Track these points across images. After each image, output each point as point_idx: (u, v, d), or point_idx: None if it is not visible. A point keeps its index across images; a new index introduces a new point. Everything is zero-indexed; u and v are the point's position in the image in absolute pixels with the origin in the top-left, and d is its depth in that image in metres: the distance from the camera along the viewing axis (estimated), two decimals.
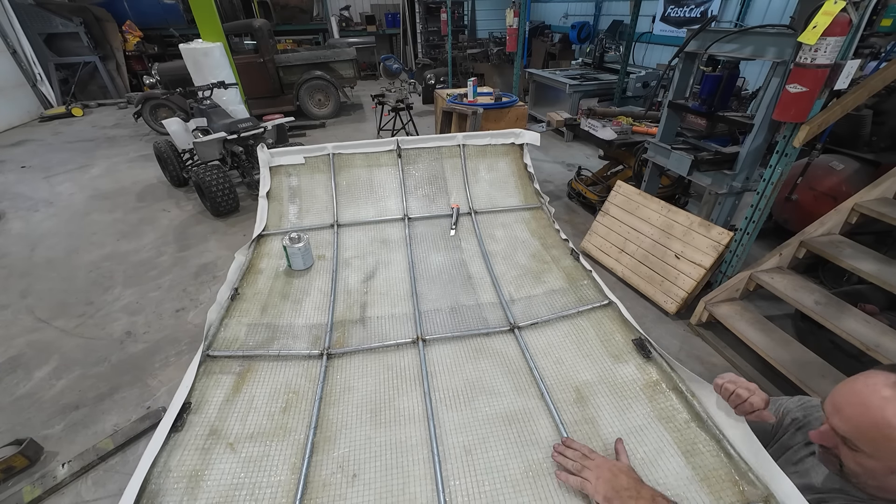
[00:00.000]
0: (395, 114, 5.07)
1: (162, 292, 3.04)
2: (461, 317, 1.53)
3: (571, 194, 4.23)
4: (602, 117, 3.89)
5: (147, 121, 6.53)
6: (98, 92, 9.06)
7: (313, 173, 2.21)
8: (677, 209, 2.78)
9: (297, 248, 1.71)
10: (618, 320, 1.41)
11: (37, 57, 7.98)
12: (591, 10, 7.82)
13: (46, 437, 2.02)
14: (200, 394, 1.20)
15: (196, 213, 4.18)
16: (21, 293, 3.07)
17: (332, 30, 10.85)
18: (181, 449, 1.05)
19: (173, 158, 4.49)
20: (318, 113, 7.30)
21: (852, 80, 1.93)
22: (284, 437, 1.10)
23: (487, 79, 8.24)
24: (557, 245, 1.88)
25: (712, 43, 2.43)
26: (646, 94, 5.43)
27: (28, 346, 2.57)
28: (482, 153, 2.32)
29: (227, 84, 4.59)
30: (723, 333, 2.42)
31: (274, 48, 6.94)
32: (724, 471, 0.92)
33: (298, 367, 1.32)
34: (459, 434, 1.10)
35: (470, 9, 10.89)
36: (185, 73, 5.05)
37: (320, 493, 0.98)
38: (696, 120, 3.10)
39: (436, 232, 2.01)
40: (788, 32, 2.08)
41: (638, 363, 1.23)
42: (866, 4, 1.75)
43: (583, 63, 6.75)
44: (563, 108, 5.65)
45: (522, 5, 5.00)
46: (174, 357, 2.47)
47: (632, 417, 1.09)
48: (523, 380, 1.25)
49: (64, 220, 4.14)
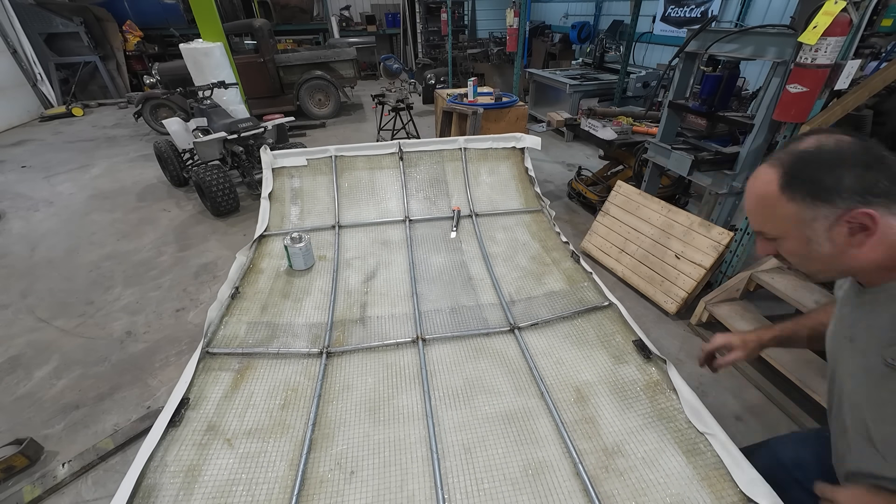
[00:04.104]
0: (396, 114, 5.07)
1: (162, 292, 3.04)
2: (461, 317, 1.53)
3: (571, 194, 4.22)
4: (602, 117, 3.88)
5: (147, 121, 6.53)
6: (98, 92, 9.06)
7: (315, 175, 2.21)
8: (677, 209, 2.78)
9: (298, 248, 1.71)
10: (618, 321, 1.41)
11: (37, 57, 7.98)
12: (592, 10, 7.81)
13: (46, 436, 2.02)
14: (199, 390, 1.20)
15: (196, 212, 4.18)
16: (21, 293, 3.07)
17: (333, 30, 10.86)
18: (178, 444, 1.05)
19: (173, 158, 4.49)
20: (318, 113, 7.30)
21: (853, 81, 1.93)
22: (282, 434, 1.10)
23: (487, 79, 8.23)
24: (558, 247, 1.88)
25: (713, 43, 2.43)
26: (646, 94, 5.43)
27: (28, 346, 2.57)
28: (483, 156, 2.33)
29: (227, 84, 4.59)
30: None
31: (274, 48, 6.94)
32: (725, 470, 0.92)
33: (298, 365, 1.32)
34: (459, 432, 1.10)
35: (470, 9, 10.89)
36: (185, 72, 5.05)
37: (318, 489, 0.98)
38: (697, 120, 3.10)
39: (437, 234, 2.01)
40: (789, 32, 2.08)
41: (638, 364, 1.24)
42: (867, 4, 1.75)
43: (583, 63, 6.74)
44: (563, 108, 5.65)
45: (522, 5, 5.00)
46: (174, 357, 2.46)
47: (632, 417, 1.09)
48: (523, 379, 1.25)
49: (64, 220, 4.14)
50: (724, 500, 0.88)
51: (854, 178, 0.61)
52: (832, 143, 0.64)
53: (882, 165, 0.61)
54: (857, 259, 0.65)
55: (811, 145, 0.66)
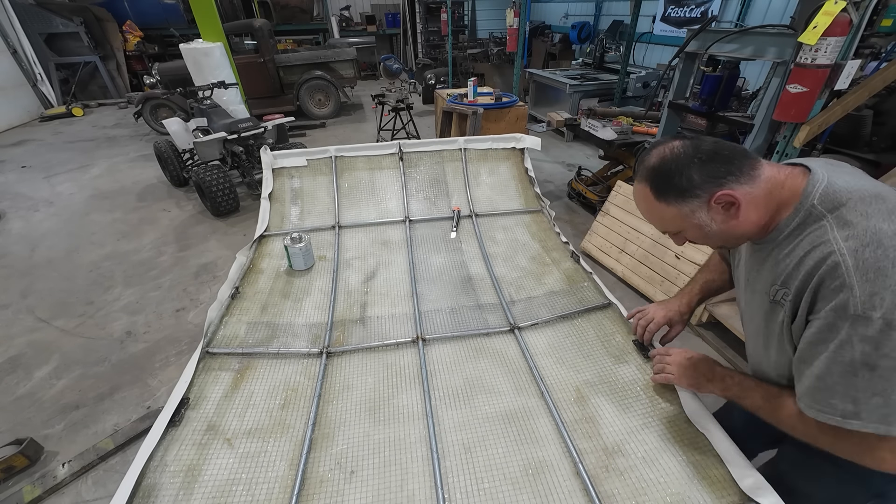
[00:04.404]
0: (396, 114, 5.07)
1: (162, 292, 3.04)
2: (461, 317, 1.53)
3: (572, 194, 4.23)
4: (602, 117, 3.88)
5: (147, 121, 6.53)
6: (98, 92, 9.07)
7: (315, 175, 2.21)
8: None
9: (298, 248, 1.71)
10: (618, 321, 1.41)
11: (37, 57, 7.98)
12: (592, 10, 7.81)
13: (47, 436, 2.02)
14: (199, 390, 1.20)
15: (196, 212, 4.19)
16: (21, 293, 3.07)
17: (333, 30, 10.86)
18: (178, 444, 1.05)
19: (173, 158, 4.49)
20: (318, 113, 7.30)
21: (853, 80, 1.93)
22: (282, 434, 1.10)
23: (487, 79, 8.24)
24: (558, 248, 1.88)
25: (713, 43, 2.44)
26: (646, 95, 5.43)
27: (28, 346, 2.58)
28: (483, 157, 2.33)
29: (227, 84, 4.59)
30: (723, 333, 2.42)
31: (274, 48, 6.94)
32: (725, 469, 0.93)
33: (298, 365, 1.32)
34: (459, 432, 1.10)
35: (470, 9, 10.89)
36: (185, 73, 5.05)
37: (318, 489, 0.98)
38: (697, 120, 3.10)
39: (437, 234, 2.01)
40: (789, 32, 2.08)
41: (638, 363, 1.24)
42: (866, 4, 1.76)
43: (583, 63, 6.75)
44: (563, 108, 5.65)
45: (522, 5, 5.00)
46: (174, 357, 2.47)
47: (632, 416, 1.09)
48: (523, 379, 1.25)
49: (64, 220, 4.14)
50: (724, 500, 0.88)
51: (698, 173, 0.74)
52: (669, 153, 0.78)
53: (714, 156, 0.74)
54: (742, 226, 0.77)
55: (656, 160, 0.79)
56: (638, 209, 0.89)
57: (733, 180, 0.73)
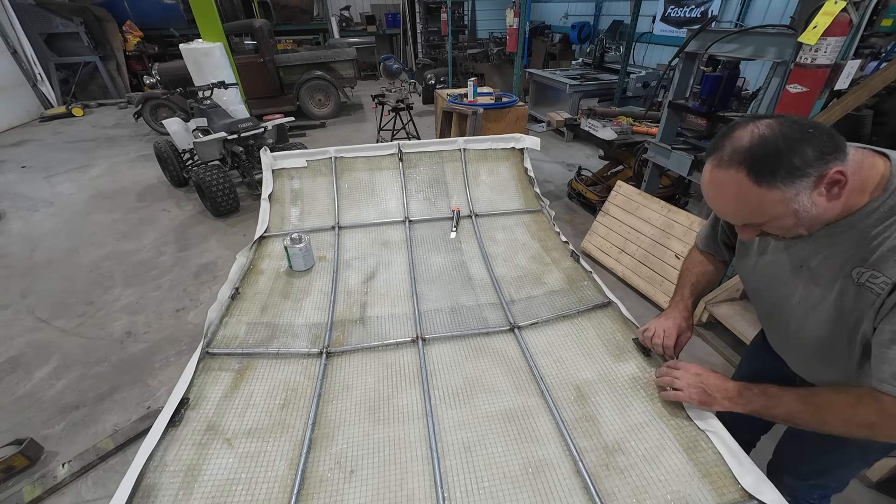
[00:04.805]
0: (396, 114, 5.07)
1: (162, 292, 3.04)
2: (461, 317, 1.53)
3: (571, 194, 4.23)
4: (602, 117, 3.89)
5: (147, 121, 6.53)
6: (98, 92, 9.07)
7: (315, 176, 2.22)
8: (677, 209, 2.78)
9: (298, 249, 1.71)
10: (618, 320, 1.41)
11: (37, 57, 7.98)
12: (592, 10, 7.82)
13: (46, 436, 2.02)
14: (199, 390, 1.20)
15: (196, 213, 4.19)
16: (21, 293, 3.07)
17: (333, 30, 10.86)
18: (178, 444, 1.05)
19: (173, 158, 4.49)
20: (318, 113, 7.30)
21: (852, 81, 1.93)
22: (282, 434, 1.10)
23: (487, 79, 8.24)
24: (558, 247, 1.88)
25: (712, 43, 2.43)
26: (646, 95, 5.43)
27: (28, 346, 2.58)
28: (483, 157, 2.33)
29: (227, 84, 4.59)
30: (723, 333, 2.42)
31: (274, 48, 6.94)
32: (726, 467, 0.93)
33: (297, 365, 1.32)
34: (459, 431, 1.10)
35: (470, 9, 10.89)
36: (185, 73, 5.05)
37: (317, 488, 0.98)
38: (697, 120, 3.10)
39: (436, 234, 2.02)
40: (789, 32, 2.08)
41: (638, 362, 1.24)
42: (866, 4, 1.75)
43: (583, 63, 6.75)
44: (563, 108, 5.65)
45: (522, 5, 5.00)
46: (174, 357, 2.47)
47: (633, 415, 1.09)
48: (523, 378, 1.25)
49: (64, 220, 4.14)
50: (725, 498, 0.88)
51: (812, 148, 0.68)
52: (768, 130, 0.70)
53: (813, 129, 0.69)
54: (835, 208, 0.73)
55: (754, 140, 0.71)
56: (715, 201, 0.79)
57: (834, 157, 0.68)
